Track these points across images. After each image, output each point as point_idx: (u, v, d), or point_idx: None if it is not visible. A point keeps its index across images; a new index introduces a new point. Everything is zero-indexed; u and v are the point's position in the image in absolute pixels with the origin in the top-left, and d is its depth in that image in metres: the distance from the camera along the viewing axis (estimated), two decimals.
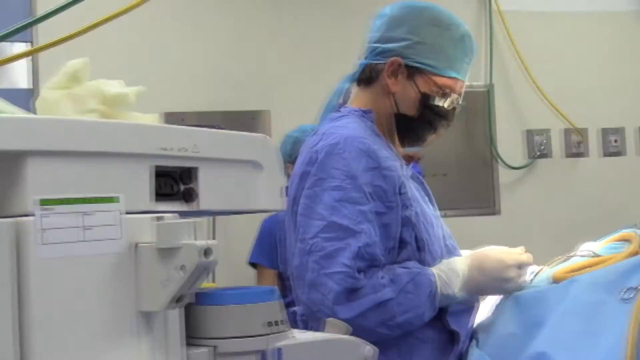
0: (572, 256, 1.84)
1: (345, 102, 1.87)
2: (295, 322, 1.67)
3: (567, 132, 4.29)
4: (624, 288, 1.50)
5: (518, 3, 4.27)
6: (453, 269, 1.67)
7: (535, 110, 4.24)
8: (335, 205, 1.59)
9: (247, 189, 1.03)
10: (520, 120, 4.26)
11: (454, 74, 1.77)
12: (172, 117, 3.72)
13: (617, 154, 4.36)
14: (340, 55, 1.98)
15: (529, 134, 4.26)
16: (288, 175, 1.99)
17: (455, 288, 1.65)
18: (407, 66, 1.76)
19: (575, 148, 4.30)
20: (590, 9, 4.37)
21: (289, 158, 2.83)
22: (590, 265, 1.69)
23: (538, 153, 4.24)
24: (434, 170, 4.07)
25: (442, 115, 1.79)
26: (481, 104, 4.20)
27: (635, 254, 1.65)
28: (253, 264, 3.04)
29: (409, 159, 1.90)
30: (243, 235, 3.57)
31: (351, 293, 1.54)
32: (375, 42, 1.80)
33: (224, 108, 3.83)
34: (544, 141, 4.25)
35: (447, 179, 4.11)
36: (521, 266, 1.72)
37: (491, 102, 4.20)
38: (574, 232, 2.35)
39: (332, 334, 1.10)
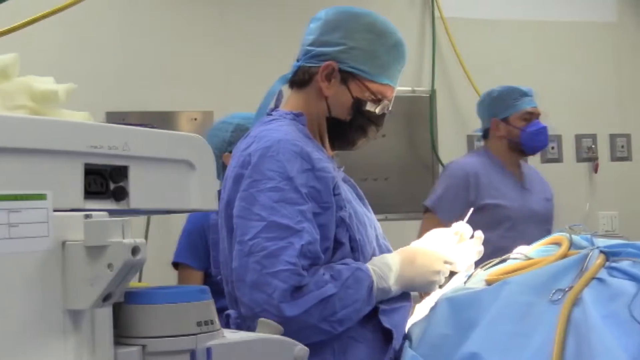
0: (505, 259, 1.88)
1: (278, 104, 1.87)
2: (228, 326, 1.67)
3: None
4: (553, 290, 1.54)
5: (461, 10, 4.33)
6: (386, 263, 1.71)
7: (477, 117, 4.29)
8: (274, 206, 1.59)
9: (180, 188, 1.02)
10: (462, 125, 4.32)
11: (386, 81, 1.79)
12: (113, 117, 3.69)
13: (555, 160, 4.45)
14: (283, 57, 1.98)
15: (470, 139, 4.32)
16: (225, 166, 1.99)
17: (390, 281, 1.69)
18: (341, 70, 1.77)
19: None
20: (531, 18, 4.46)
21: (228, 146, 2.75)
22: (522, 268, 1.73)
23: None
24: (376, 174, 4.11)
25: (373, 121, 1.81)
26: (424, 108, 4.24)
27: (565, 256, 1.69)
28: (176, 264, 2.94)
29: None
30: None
31: (296, 291, 1.55)
32: (309, 45, 1.81)
33: (166, 108, 3.81)
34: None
35: (389, 182, 4.15)
36: (447, 261, 1.80)
37: (433, 107, 4.25)
38: None
39: (264, 334, 1.10)
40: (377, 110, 1.79)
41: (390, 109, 1.83)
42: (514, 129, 3.21)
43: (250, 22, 3.98)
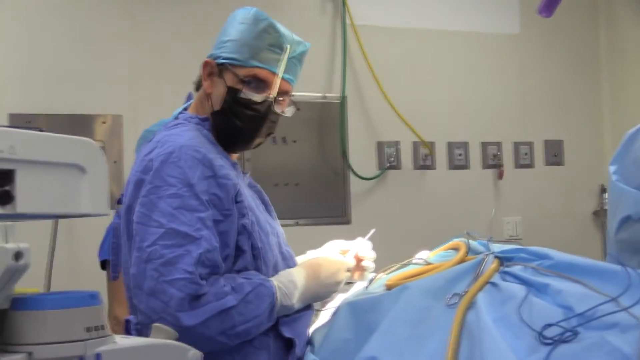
0: (407, 264, 1.92)
1: (187, 107, 1.88)
2: (128, 331, 1.65)
3: (416, 145, 4.43)
4: (450, 294, 1.57)
5: (372, 18, 4.38)
6: (292, 280, 1.71)
7: (387, 123, 4.36)
8: (173, 213, 1.58)
9: (69, 192, 1.01)
10: (372, 132, 4.37)
11: (256, 64, 1.77)
12: (18, 119, 3.59)
13: (462, 167, 4.55)
14: (195, 58, 1.98)
15: (380, 145, 4.37)
16: None
17: (294, 299, 1.70)
18: (218, 65, 1.79)
19: (423, 160, 4.44)
20: (440, 27, 4.55)
21: None
22: (422, 273, 1.77)
23: (388, 164, 4.36)
24: (286, 179, 4.12)
25: (250, 107, 1.77)
26: (334, 115, 4.27)
27: (462, 261, 1.73)
28: (103, 263, 2.87)
29: None
30: (88, 239, 3.49)
31: (194, 300, 1.54)
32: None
33: (73, 111, 3.72)
34: (394, 153, 4.38)
35: (300, 188, 4.16)
36: (349, 269, 1.85)
37: (344, 114, 4.28)
38: (420, 240, 2.43)
39: (157, 339, 1.10)
40: (256, 98, 1.76)
41: (275, 95, 1.78)
42: None
43: (160, 24, 3.93)
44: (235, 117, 1.77)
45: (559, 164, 4.78)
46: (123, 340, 1.03)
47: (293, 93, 1.86)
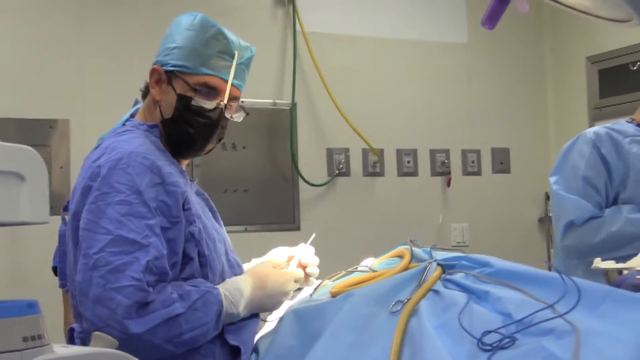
0: (352, 271, 1.94)
1: (134, 114, 1.87)
2: (72, 340, 1.64)
3: (365, 152, 4.46)
4: (393, 301, 1.59)
5: (322, 26, 4.40)
6: (238, 289, 1.72)
7: (336, 130, 4.38)
8: (121, 220, 1.57)
9: (8, 200, 1.00)
10: (322, 139, 4.39)
11: (207, 71, 1.78)
12: None
13: (410, 174, 4.59)
14: (144, 64, 1.97)
15: (330, 152, 4.40)
16: None
17: (240, 307, 1.70)
18: (166, 72, 1.79)
19: (373, 167, 4.48)
20: (390, 35, 4.60)
21: None
22: (366, 280, 1.78)
23: (337, 171, 4.39)
24: (236, 185, 4.12)
25: (203, 115, 1.78)
26: (284, 121, 4.28)
27: (406, 269, 1.75)
28: (55, 269, 2.83)
29: None
30: (34, 245, 3.45)
31: (141, 307, 1.53)
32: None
33: (20, 115, 3.67)
34: (344, 160, 4.41)
35: (249, 194, 4.16)
36: (297, 279, 1.84)
37: (294, 120, 4.29)
38: (369, 247, 2.45)
39: (97, 348, 1.09)
40: (207, 106, 1.77)
41: (226, 102, 1.80)
42: None
43: (109, 29, 3.90)
44: (187, 125, 1.78)
45: (505, 172, 4.86)
46: (61, 350, 1.02)
47: (243, 99, 1.88)
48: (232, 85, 1.80)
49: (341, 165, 4.39)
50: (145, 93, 1.86)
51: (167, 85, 1.78)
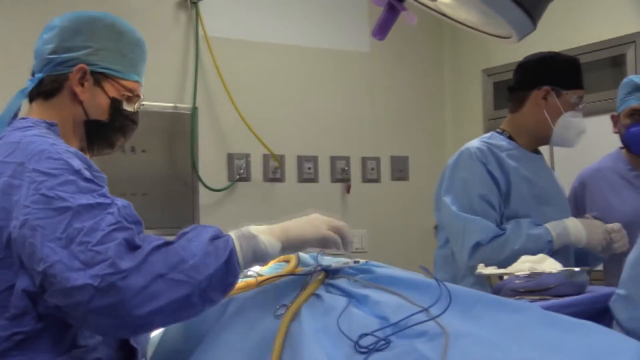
0: (241, 276, 1.95)
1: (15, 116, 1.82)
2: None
3: (266, 158, 4.49)
4: (278, 305, 1.62)
5: (225, 31, 4.41)
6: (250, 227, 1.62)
7: (237, 135, 4.39)
8: (74, 196, 1.50)
9: None
10: (223, 143, 4.39)
11: (136, 77, 1.84)
12: None
13: (311, 180, 4.64)
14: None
15: (230, 157, 4.40)
16: None
17: (258, 231, 1.60)
18: (92, 73, 1.78)
19: (273, 173, 4.51)
20: (293, 42, 4.64)
21: None
22: (252, 284, 1.81)
23: (238, 176, 4.40)
24: (134, 189, 4.07)
25: (131, 119, 1.85)
26: (185, 125, 4.27)
27: (292, 273, 1.79)
28: None
29: None
30: None
31: (131, 248, 1.45)
32: (51, 54, 1.79)
33: None
34: (244, 165, 4.42)
35: (148, 198, 4.12)
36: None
37: (195, 125, 4.28)
38: None
39: None
40: (133, 109, 1.84)
41: (141, 105, 1.87)
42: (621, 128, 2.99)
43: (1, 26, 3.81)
44: (119, 129, 1.83)
45: (404, 180, 4.97)
46: None
47: (143, 102, 1.91)
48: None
49: (242, 171, 4.40)
50: (47, 93, 1.80)
51: (95, 86, 1.78)
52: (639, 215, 2.84)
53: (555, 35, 4.29)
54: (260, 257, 1.59)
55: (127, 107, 1.82)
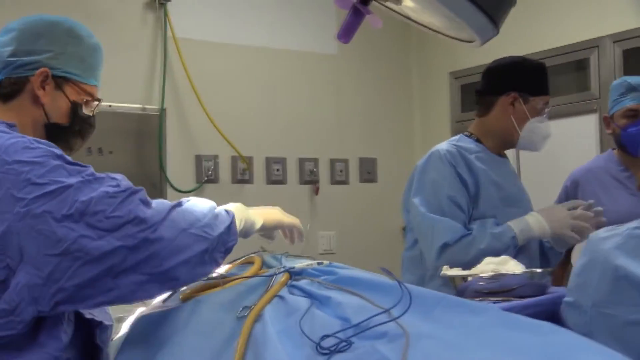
0: (206, 278, 1.96)
1: None
2: None
3: (235, 160, 4.49)
4: (240, 307, 1.62)
5: (193, 32, 4.40)
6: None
7: (205, 137, 4.39)
8: (68, 178, 1.52)
9: None
10: (191, 145, 4.38)
11: (94, 82, 1.86)
12: None
13: (279, 182, 4.65)
14: None
15: (199, 159, 4.39)
16: None
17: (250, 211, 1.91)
18: (54, 76, 1.78)
19: (241, 175, 4.51)
20: (261, 44, 4.64)
21: None
22: (216, 286, 1.81)
23: (206, 178, 4.39)
24: None
25: (89, 123, 1.86)
26: (153, 127, 4.25)
27: (256, 275, 1.79)
28: None
29: None
30: None
31: (147, 203, 1.55)
32: (10, 57, 1.78)
33: None
34: (212, 167, 4.41)
35: None
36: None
37: (163, 126, 4.27)
38: (235, 253, 2.46)
39: None
40: (92, 112, 1.86)
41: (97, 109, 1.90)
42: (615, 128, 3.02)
43: None
44: (78, 133, 1.84)
45: (372, 181, 4.99)
46: None
47: (111, 103, 1.97)
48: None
49: (210, 172, 4.40)
50: (6, 95, 1.80)
51: (56, 90, 1.79)
52: (631, 215, 2.88)
53: (521, 38, 4.35)
54: (250, 228, 1.86)
55: (86, 111, 1.84)
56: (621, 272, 1.80)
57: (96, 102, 1.87)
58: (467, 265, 2.37)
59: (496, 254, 2.40)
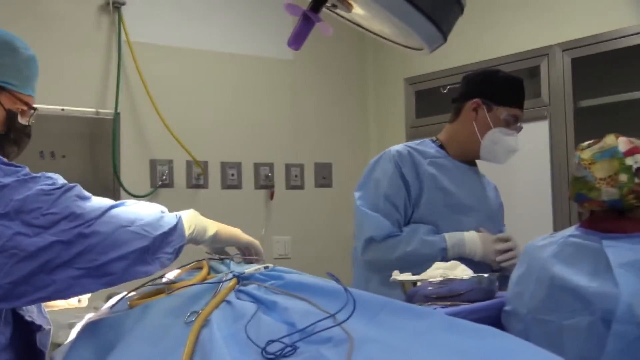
0: (155, 283, 1.95)
1: None
2: None
3: (189, 164, 4.47)
4: (189, 312, 1.62)
5: (148, 36, 4.38)
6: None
7: (160, 141, 4.36)
8: (3, 178, 1.57)
9: None
10: (145, 149, 4.36)
11: (30, 92, 1.89)
12: None
13: (234, 187, 4.64)
14: None
15: (153, 163, 4.37)
16: None
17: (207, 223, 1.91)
18: None
19: (196, 180, 4.49)
20: (217, 49, 4.64)
21: None
22: (164, 292, 1.81)
23: (161, 183, 4.37)
24: None
25: (25, 133, 1.89)
26: (107, 131, 4.22)
27: (204, 280, 1.80)
28: None
29: None
30: None
31: (84, 198, 1.64)
32: None
33: None
34: (167, 171, 4.39)
35: None
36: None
37: (117, 130, 4.24)
38: (190, 258, 2.46)
39: None
40: (28, 122, 1.88)
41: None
42: None
43: None
44: (13, 140, 1.86)
45: (327, 186, 5.01)
46: None
47: (64, 107, 1.98)
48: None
49: (164, 177, 4.38)
50: None
51: None
52: None
53: (473, 46, 4.41)
54: (201, 234, 1.86)
55: (22, 121, 1.86)
56: (557, 281, 1.85)
57: (32, 111, 1.89)
58: (394, 265, 2.42)
59: (424, 259, 2.46)
